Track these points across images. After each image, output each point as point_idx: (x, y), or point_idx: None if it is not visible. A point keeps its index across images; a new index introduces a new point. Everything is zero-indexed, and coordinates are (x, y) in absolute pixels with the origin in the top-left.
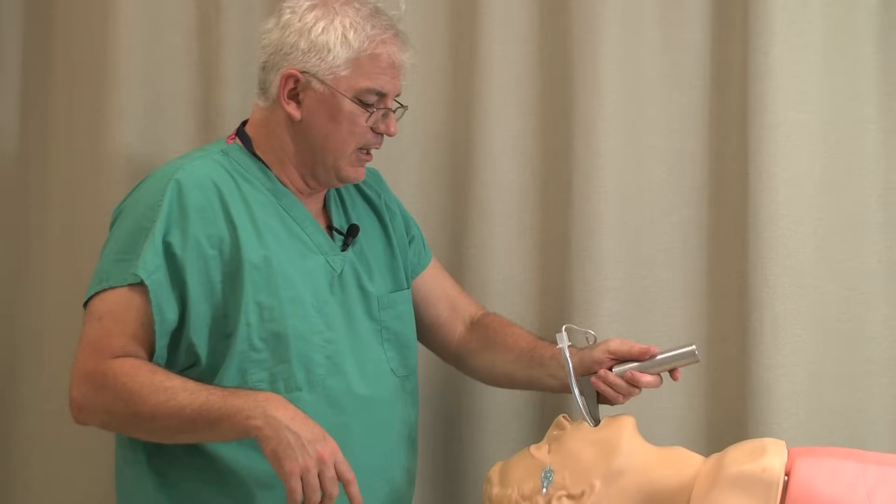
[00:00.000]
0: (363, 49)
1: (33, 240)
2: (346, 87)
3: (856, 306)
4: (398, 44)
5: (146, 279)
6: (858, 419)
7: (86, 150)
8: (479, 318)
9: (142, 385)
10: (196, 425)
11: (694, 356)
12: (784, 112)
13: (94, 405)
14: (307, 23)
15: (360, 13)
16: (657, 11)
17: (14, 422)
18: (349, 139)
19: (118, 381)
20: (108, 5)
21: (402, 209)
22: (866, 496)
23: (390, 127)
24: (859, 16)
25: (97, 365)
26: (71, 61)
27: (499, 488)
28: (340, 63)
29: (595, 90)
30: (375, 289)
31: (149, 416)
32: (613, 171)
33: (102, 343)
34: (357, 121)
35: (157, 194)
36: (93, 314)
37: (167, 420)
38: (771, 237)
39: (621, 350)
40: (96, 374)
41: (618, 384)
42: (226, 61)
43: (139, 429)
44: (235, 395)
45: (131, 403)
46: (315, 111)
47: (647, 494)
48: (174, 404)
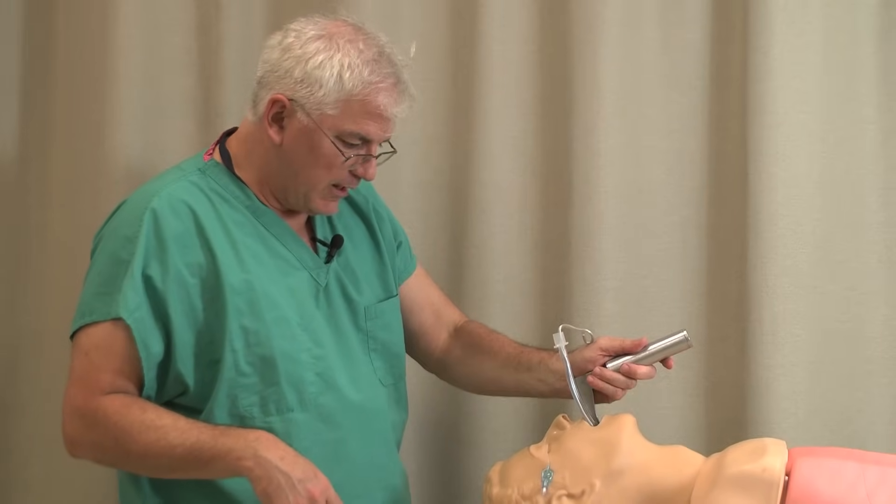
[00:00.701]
0: (355, 93)
1: (33, 240)
2: (329, 125)
3: (855, 306)
4: (395, 94)
5: (127, 318)
6: (858, 419)
7: (86, 151)
8: (462, 325)
9: (132, 424)
10: (187, 464)
11: (686, 342)
12: (784, 112)
13: (85, 442)
14: (307, 52)
15: (362, 55)
16: (657, 11)
17: (14, 422)
18: (324, 175)
19: (109, 419)
20: (108, 5)
21: (390, 215)
22: (866, 496)
23: (368, 171)
24: (859, 16)
25: (87, 401)
26: (71, 61)
27: (499, 488)
28: (330, 101)
29: (595, 90)
30: (363, 299)
31: (140, 454)
32: (613, 171)
33: (91, 378)
34: (334, 161)
35: (134, 225)
36: (80, 348)
37: (158, 459)
38: (770, 237)
39: (613, 346)
40: (87, 411)
41: (615, 378)
42: (226, 61)
43: (131, 466)
44: (226, 435)
45: (122, 442)
46: (295, 140)
47: (647, 494)
48: (165, 444)
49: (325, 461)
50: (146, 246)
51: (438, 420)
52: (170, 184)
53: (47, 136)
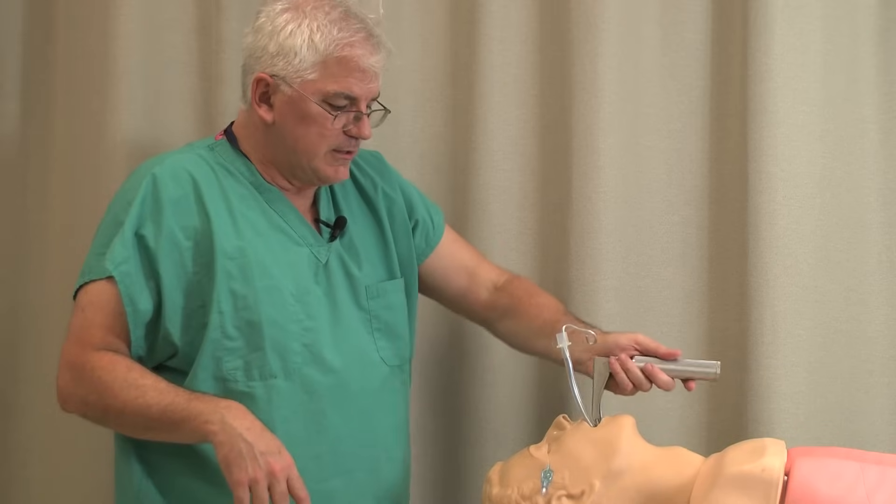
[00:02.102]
0: (329, 52)
1: (33, 239)
2: (312, 90)
3: (856, 306)
4: (368, 46)
5: (113, 271)
6: (858, 419)
7: (86, 150)
8: (503, 283)
9: (115, 380)
10: (161, 424)
11: (715, 374)
12: (784, 112)
13: (73, 394)
14: (277, 26)
15: (329, 16)
16: (657, 11)
17: (14, 422)
18: (319, 142)
19: (94, 373)
20: (108, 5)
21: (406, 191)
22: (866, 496)
23: (363, 130)
24: (859, 16)
25: (78, 355)
26: (71, 61)
27: (499, 488)
28: (307, 66)
29: (595, 90)
30: (363, 276)
31: (118, 410)
32: (613, 171)
33: (85, 334)
34: (325, 124)
35: (134, 189)
36: (78, 305)
37: (135, 417)
38: (771, 237)
39: (648, 345)
40: (77, 365)
41: (634, 372)
42: (226, 61)
43: (111, 422)
44: (199, 400)
45: (104, 396)
46: (285, 114)
47: (646, 494)
48: (142, 402)
49: (305, 432)
50: (141, 206)
51: (438, 420)
52: (176, 154)
53: (47, 135)
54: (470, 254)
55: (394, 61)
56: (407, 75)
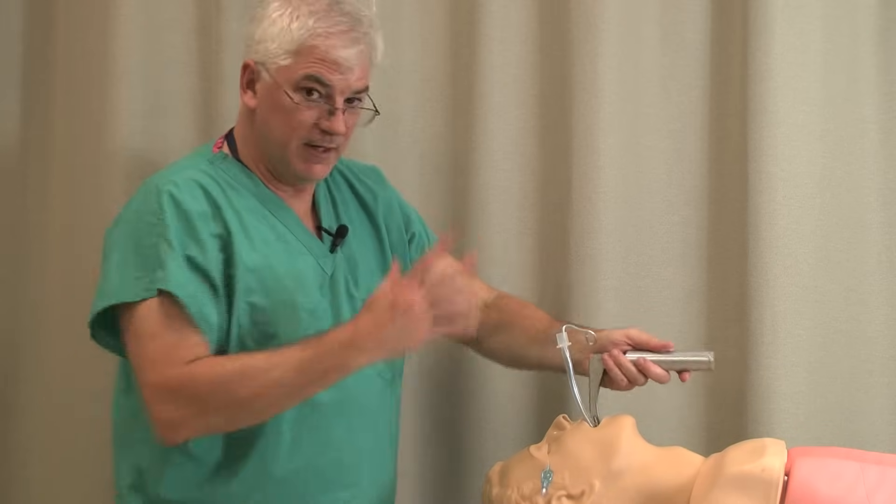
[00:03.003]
0: (303, 41)
1: (33, 240)
2: (284, 77)
3: (856, 306)
4: (344, 39)
5: (180, 294)
6: (858, 419)
7: (86, 150)
8: (492, 300)
9: (231, 374)
10: (302, 386)
11: (708, 364)
12: (784, 112)
13: (187, 416)
14: (266, 14)
15: (311, 7)
16: (657, 11)
17: (14, 422)
18: (289, 132)
19: (207, 380)
20: (108, 5)
21: (402, 206)
22: (866, 496)
23: (334, 124)
24: (859, 16)
25: (174, 377)
26: (71, 61)
27: (499, 488)
28: (282, 52)
29: (595, 90)
30: (361, 292)
31: (250, 398)
32: (613, 171)
33: (167, 355)
34: (296, 115)
35: (155, 211)
36: (138, 331)
37: (271, 391)
38: (771, 237)
39: (640, 339)
40: (179, 386)
41: (628, 367)
42: (226, 61)
43: (241, 416)
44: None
45: (230, 393)
46: (263, 100)
47: (646, 494)
48: (275, 376)
49: (311, 445)
50: (176, 228)
51: (438, 420)
52: (181, 170)
53: (48, 135)
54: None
55: (394, 61)
56: (407, 75)
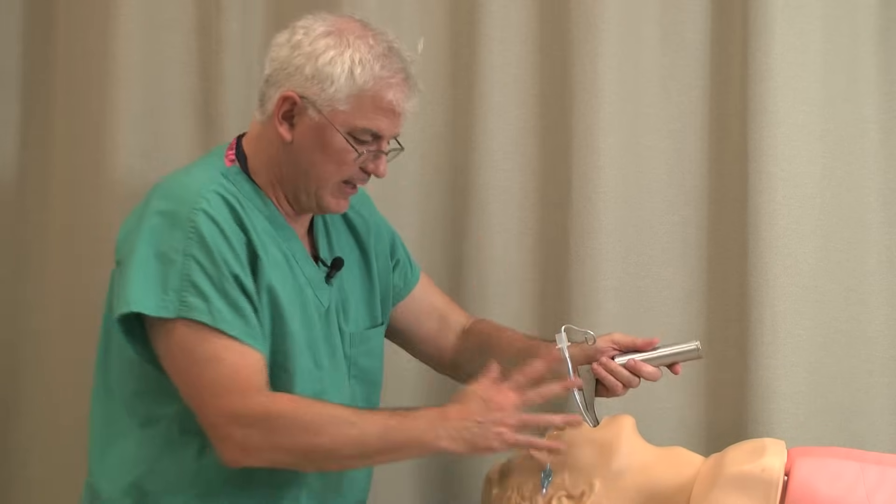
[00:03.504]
0: (367, 88)
1: (33, 240)
2: (341, 121)
3: (855, 306)
4: (405, 89)
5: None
6: (858, 419)
7: (86, 150)
8: (470, 326)
9: (317, 417)
10: (379, 451)
11: (697, 352)
12: (784, 112)
13: (262, 445)
14: (317, 49)
15: (372, 51)
16: (657, 11)
17: (14, 422)
18: (335, 172)
19: (289, 418)
20: (108, 5)
21: (388, 232)
22: (866, 496)
23: (379, 167)
24: (859, 16)
25: (249, 404)
26: (71, 61)
27: (498, 489)
28: (342, 97)
29: (595, 90)
30: (349, 326)
31: (327, 448)
32: (613, 171)
33: (240, 381)
34: (346, 157)
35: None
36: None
37: (350, 449)
38: (771, 237)
39: (624, 341)
40: (265, 415)
41: (619, 371)
42: (226, 61)
43: (315, 461)
44: (410, 417)
45: (308, 436)
46: (306, 137)
47: (646, 494)
48: (356, 433)
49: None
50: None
51: None
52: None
53: (47, 136)
54: (441, 298)
55: None
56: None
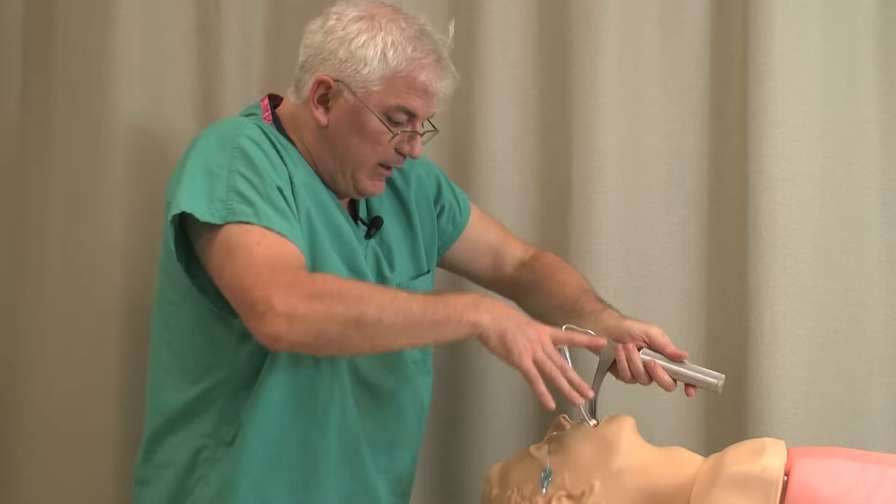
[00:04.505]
0: (400, 69)
1: (33, 240)
2: (375, 102)
3: (856, 306)
4: (438, 70)
5: (288, 233)
6: (858, 419)
7: (85, 150)
8: (528, 259)
9: (359, 289)
10: (421, 323)
11: (717, 388)
12: (784, 112)
13: (309, 314)
14: (350, 33)
15: (404, 33)
16: (657, 11)
17: (14, 422)
18: (370, 154)
19: (334, 287)
20: (108, 5)
21: (434, 177)
22: (866, 496)
23: (414, 149)
24: (859, 16)
25: (294, 276)
26: (71, 61)
27: (498, 489)
28: (375, 78)
29: (595, 90)
30: (396, 276)
31: (375, 316)
32: (613, 171)
33: (283, 258)
34: (381, 139)
35: (234, 149)
36: (232, 247)
37: (395, 317)
38: (770, 237)
39: (658, 342)
40: (302, 283)
41: (637, 365)
42: (226, 61)
43: (360, 332)
44: (453, 297)
45: (358, 305)
46: (341, 121)
47: (646, 494)
48: (401, 303)
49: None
50: (265, 160)
51: (438, 420)
52: (248, 122)
53: (47, 136)
54: (496, 232)
55: None
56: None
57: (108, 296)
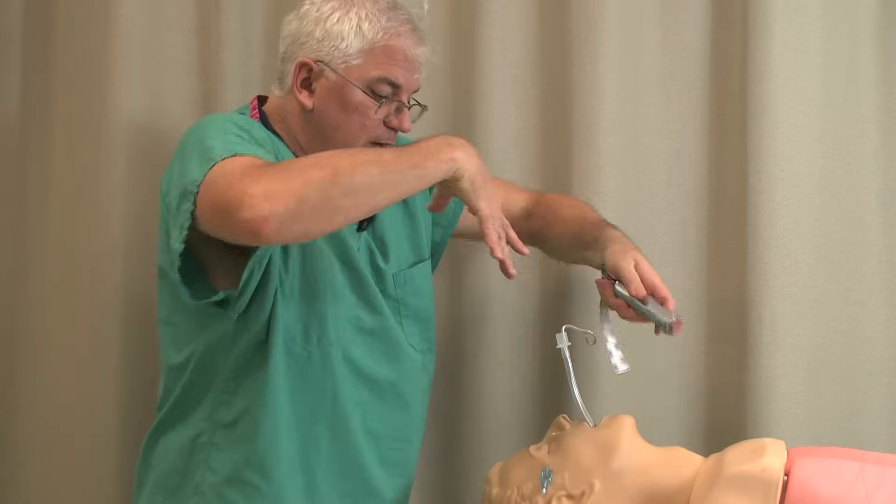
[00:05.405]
0: (377, 40)
1: (33, 239)
2: (357, 76)
3: (855, 306)
4: (414, 38)
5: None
6: (858, 419)
7: (85, 150)
8: (531, 208)
9: (330, 153)
10: (397, 169)
11: (666, 327)
12: (784, 112)
13: (285, 186)
14: (324, 13)
15: (377, 5)
16: (657, 11)
17: (14, 422)
18: (359, 131)
19: (303, 161)
20: (108, 5)
21: None
22: (866, 496)
23: (403, 122)
24: (859, 16)
25: (268, 167)
26: (71, 61)
27: (498, 489)
28: (353, 52)
29: (595, 90)
30: (391, 266)
31: (349, 169)
32: (613, 171)
33: (255, 162)
34: (367, 112)
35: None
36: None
37: (370, 168)
38: (770, 237)
39: (625, 276)
40: (274, 169)
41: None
42: (226, 61)
43: (339, 189)
44: (422, 141)
45: (329, 163)
46: (326, 101)
47: (646, 494)
48: (371, 155)
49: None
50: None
51: (438, 420)
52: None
53: (47, 136)
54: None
55: None
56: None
57: (108, 296)
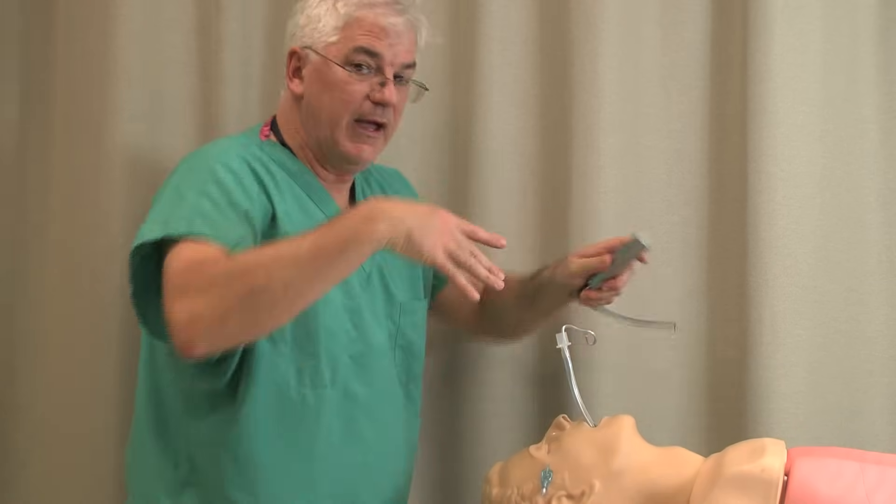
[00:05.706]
0: (351, 15)
1: (33, 240)
2: (335, 53)
3: (855, 306)
4: (388, 9)
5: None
6: (858, 419)
7: (85, 150)
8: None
9: (248, 259)
10: (317, 265)
11: (638, 243)
12: (784, 112)
13: (204, 309)
14: (306, 4)
15: None
16: (657, 11)
17: (14, 422)
18: (342, 108)
19: (220, 269)
20: (108, 5)
21: None
22: (866, 496)
23: (385, 94)
24: (859, 16)
25: (191, 276)
26: (71, 61)
27: (498, 489)
28: (329, 30)
29: (595, 90)
30: (400, 294)
31: (264, 283)
32: (613, 170)
33: (189, 261)
34: (347, 88)
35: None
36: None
37: (285, 273)
38: (770, 237)
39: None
40: (194, 281)
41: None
42: (226, 61)
43: (259, 301)
44: (336, 223)
45: (242, 279)
46: (312, 83)
47: (646, 494)
48: (287, 253)
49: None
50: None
51: (438, 420)
52: (230, 148)
53: (47, 135)
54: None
55: None
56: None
57: (108, 296)
